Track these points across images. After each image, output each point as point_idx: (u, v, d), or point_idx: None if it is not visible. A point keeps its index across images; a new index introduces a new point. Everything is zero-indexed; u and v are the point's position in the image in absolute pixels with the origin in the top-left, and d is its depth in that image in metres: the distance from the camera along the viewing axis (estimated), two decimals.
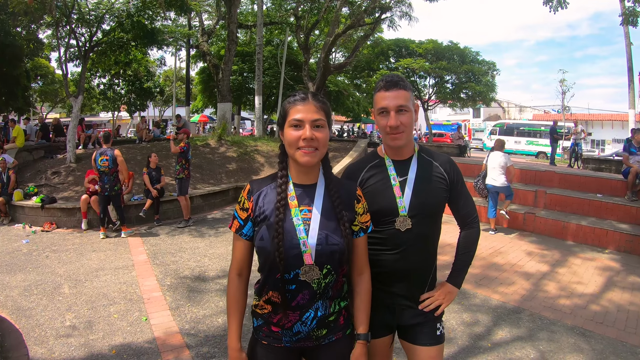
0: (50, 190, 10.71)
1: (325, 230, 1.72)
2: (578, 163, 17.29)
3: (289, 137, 1.70)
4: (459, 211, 2.18)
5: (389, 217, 2.02)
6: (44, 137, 15.63)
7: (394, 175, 2.06)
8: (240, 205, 1.81)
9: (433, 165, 2.12)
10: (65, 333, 4.39)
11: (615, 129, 39.21)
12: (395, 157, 2.11)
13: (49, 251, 7.38)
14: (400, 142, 2.01)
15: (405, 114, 1.96)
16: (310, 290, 1.70)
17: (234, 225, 1.82)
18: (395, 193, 2.03)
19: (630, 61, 16.60)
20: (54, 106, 35.95)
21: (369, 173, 2.11)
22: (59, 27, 13.18)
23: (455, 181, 2.12)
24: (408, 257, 2.03)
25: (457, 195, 2.14)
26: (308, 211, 1.74)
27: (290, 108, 1.72)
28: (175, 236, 8.34)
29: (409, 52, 26.18)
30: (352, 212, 1.82)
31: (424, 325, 2.09)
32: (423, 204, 2.03)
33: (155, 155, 9.69)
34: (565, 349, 4.19)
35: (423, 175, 2.07)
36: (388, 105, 1.96)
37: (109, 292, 5.50)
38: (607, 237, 7.75)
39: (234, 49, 18.13)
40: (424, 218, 2.04)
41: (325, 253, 1.70)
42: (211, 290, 5.55)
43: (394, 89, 1.96)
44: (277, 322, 1.75)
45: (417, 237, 2.03)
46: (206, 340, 4.21)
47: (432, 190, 2.06)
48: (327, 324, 1.78)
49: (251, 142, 15.35)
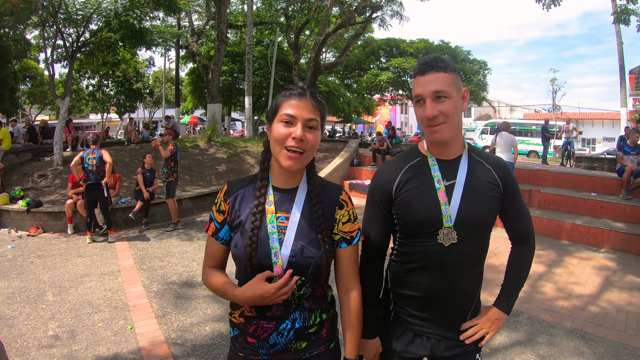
0: (36, 193, 10.49)
1: (301, 241, 1.55)
2: (570, 162, 17.27)
3: (277, 133, 1.53)
4: (511, 223, 1.83)
5: (431, 230, 1.68)
6: (32, 140, 15.41)
7: (438, 177, 1.71)
8: (217, 207, 1.68)
9: (485, 167, 1.75)
10: (47, 343, 4.22)
11: (606, 128, 39.46)
12: (441, 155, 1.75)
13: (34, 256, 7.19)
14: (441, 135, 1.64)
15: (446, 100, 1.60)
16: (284, 301, 1.55)
17: (210, 228, 1.68)
18: (440, 199, 1.67)
19: (621, 60, 16.67)
20: (43, 108, 35.56)
21: (408, 174, 1.75)
22: (46, 27, 12.99)
23: (509, 189, 1.76)
24: (450, 278, 1.70)
25: (510, 205, 1.78)
26: (285, 218, 1.59)
27: (283, 101, 1.56)
28: (163, 240, 8.17)
29: (400, 51, 26.03)
30: (332, 219, 1.64)
31: (462, 356, 1.78)
32: (473, 214, 1.68)
33: (150, 156, 9.53)
34: (565, 353, 4.08)
35: (474, 179, 1.71)
36: (422, 92, 1.63)
37: (93, 299, 5.32)
38: (603, 236, 7.66)
39: (224, 49, 17.96)
40: (472, 232, 1.69)
41: (299, 266, 1.54)
42: (199, 297, 5.39)
43: (430, 72, 1.62)
44: (253, 333, 1.60)
45: (462, 255, 1.69)
46: (193, 350, 4.05)
47: (485, 198, 1.71)
48: (306, 336, 1.61)
49: (241, 143, 15.21)
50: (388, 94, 28.77)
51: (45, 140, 15.65)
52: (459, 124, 1.71)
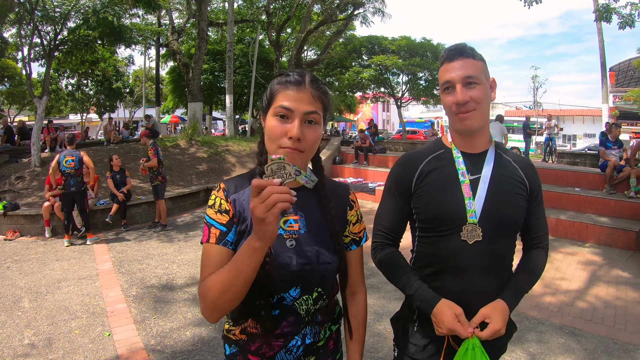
0: (13, 196, 10.22)
1: (315, 246, 1.37)
2: (552, 157, 17.40)
3: (271, 129, 1.31)
4: (530, 229, 1.71)
5: (453, 226, 1.56)
6: (9, 141, 15.14)
7: (462, 170, 1.59)
8: (217, 207, 1.37)
9: (512, 164, 1.65)
10: (23, 352, 4.04)
11: (586, 124, 39.93)
12: (467, 148, 1.64)
13: (10, 261, 6.95)
14: (471, 122, 1.55)
15: (476, 86, 1.52)
16: (296, 316, 1.37)
17: (212, 234, 1.33)
18: (464, 192, 1.56)
19: (603, 57, 16.81)
20: (22, 108, 34.92)
21: (431, 165, 1.64)
22: (23, 24, 12.72)
23: (535, 192, 1.66)
24: (474, 279, 1.55)
25: (533, 211, 1.67)
26: (294, 222, 1.38)
27: (279, 91, 1.33)
28: (143, 242, 7.97)
29: (381, 49, 26.03)
30: (344, 221, 1.49)
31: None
32: (499, 211, 1.56)
33: (117, 157, 9.16)
34: (555, 350, 4.03)
35: (501, 175, 1.61)
36: (452, 77, 1.53)
37: (70, 305, 5.13)
38: (587, 230, 7.66)
39: (205, 47, 17.81)
40: (499, 229, 1.57)
41: (315, 274, 1.36)
42: (179, 300, 5.23)
43: (460, 58, 1.54)
44: (256, 351, 1.38)
45: (487, 254, 1.55)
46: (173, 357, 3.90)
47: (511, 195, 1.59)
48: (315, 351, 1.44)
49: (222, 142, 15.14)
50: (370, 91, 28.82)
51: (23, 141, 15.40)
52: (488, 114, 1.63)
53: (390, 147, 17.01)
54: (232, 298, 1.21)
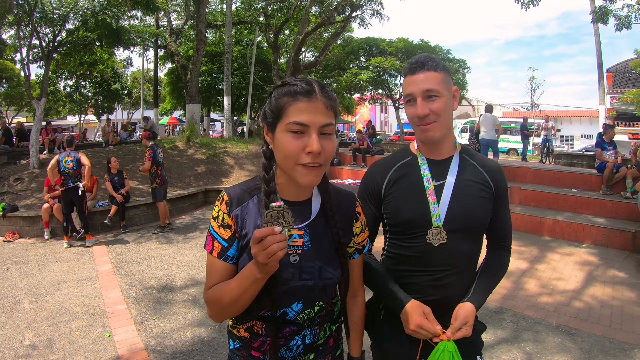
0: (12, 197, 10.21)
1: (318, 262, 1.37)
2: (549, 158, 17.44)
3: (286, 146, 1.24)
4: (496, 230, 1.79)
5: (419, 229, 1.65)
6: (7, 142, 15.14)
7: (427, 177, 1.68)
8: (220, 221, 1.36)
9: (477, 169, 1.73)
10: (24, 353, 4.06)
11: (584, 125, 40.05)
12: (431, 155, 1.72)
13: (9, 263, 6.97)
14: (432, 133, 1.62)
15: (436, 99, 1.58)
16: (297, 325, 1.42)
17: (215, 248, 1.36)
18: (429, 198, 1.65)
19: (600, 58, 16.84)
20: (20, 110, 34.88)
21: (399, 172, 1.73)
22: (22, 26, 12.73)
23: (501, 194, 1.73)
24: (441, 280, 1.65)
25: (498, 212, 1.75)
26: (298, 236, 1.36)
27: (289, 105, 1.25)
28: (142, 243, 7.99)
29: (379, 50, 26.00)
30: (350, 234, 1.50)
31: None
32: (463, 215, 1.64)
33: (115, 159, 9.18)
34: (552, 349, 4.06)
35: (465, 180, 1.68)
36: (414, 91, 1.60)
37: (70, 306, 5.15)
38: (584, 231, 7.71)
39: (203, 48, 17.82)
40: (462, 232, 1.65)
41: (317, 289, 1.38)
42: (178, 301, 5.27)
43: (421, 71, 1.59)
44: (259, 347, 1.42)
45: (452, 255, 1.65)
46: (173, 357, 3.93)
47: (475, 199, 1.67)
48: (315, 348, 1.48)
49: (220, 143, 15.13)
50: (368, 93, 28.77)
51: (21, 142, 15.40)
52: (450, 123, 1.68)
53: (388, 148, 17.06)
54: (237, 310, 1.32)
